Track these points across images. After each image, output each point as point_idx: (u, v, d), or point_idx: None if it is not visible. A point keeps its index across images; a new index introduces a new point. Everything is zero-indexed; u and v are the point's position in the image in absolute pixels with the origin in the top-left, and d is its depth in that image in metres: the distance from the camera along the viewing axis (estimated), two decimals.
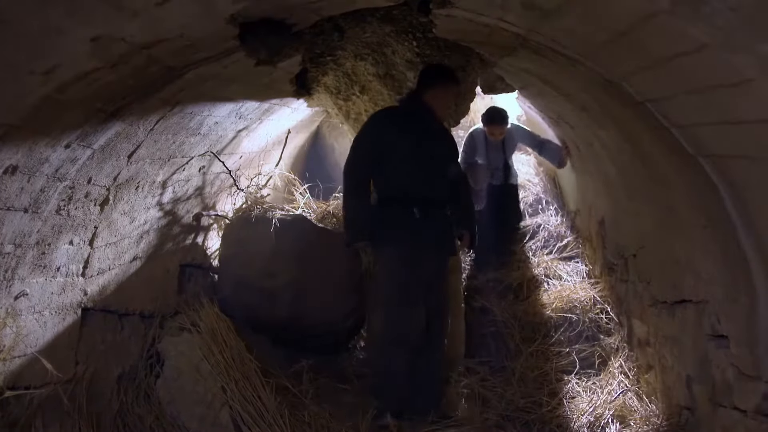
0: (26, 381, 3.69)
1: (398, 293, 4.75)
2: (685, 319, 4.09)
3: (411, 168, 4.85)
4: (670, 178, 3.78)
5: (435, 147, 4.99)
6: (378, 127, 4.89)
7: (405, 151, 4.83)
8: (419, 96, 4.96)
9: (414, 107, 4.96)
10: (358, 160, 4.89)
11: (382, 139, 4.84)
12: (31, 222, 3.41)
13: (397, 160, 4.83)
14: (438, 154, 5.00)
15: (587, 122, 4.86)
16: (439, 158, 5.01)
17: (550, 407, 4.88)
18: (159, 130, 4.01)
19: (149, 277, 4.88)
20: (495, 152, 7.04)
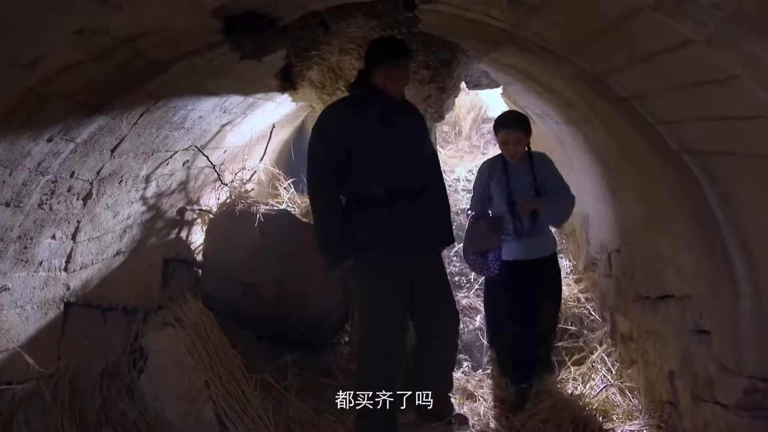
0: (8, 376, 3.67)
1: (374, 314, 4.34)
2: (668, 315, 4.11)
3: (374, 162, 4.27)
4: (654, 173, 3.79)
5: (398, 131, 4.35)
6: (330, 127, 4.31)
7: (363, 145, 4.25)
8: (367, 78, 4.37)
9: (365, 93, 4.36)
10: (319, 169, 4.28)
11: (338, 138, 4.25)
12: (13, 216, 3.38)
13: (358, 157, 4.25)
14: (404, 138, 4.37)
15: (572, 118, 4.87)
16: (406, 142, 4.38)
17: (533, 402, 4.89)
18: (143, 124, 3.99)
19: (133, 272, 4.86)
20: (519, 181, 4.93)
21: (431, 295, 4.52)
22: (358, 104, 4.34)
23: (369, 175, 4.27)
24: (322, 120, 4.37)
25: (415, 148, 4.46)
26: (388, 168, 4.29)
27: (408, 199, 4.32)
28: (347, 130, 4.24)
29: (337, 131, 4.26)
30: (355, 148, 4.23)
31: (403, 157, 4.35)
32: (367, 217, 4.29)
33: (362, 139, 4.25)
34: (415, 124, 4.54)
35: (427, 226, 4.44)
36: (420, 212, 4.38)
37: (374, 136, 4.28)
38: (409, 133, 4.42)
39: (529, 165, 4.85)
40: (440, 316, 4.56)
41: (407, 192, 4.33)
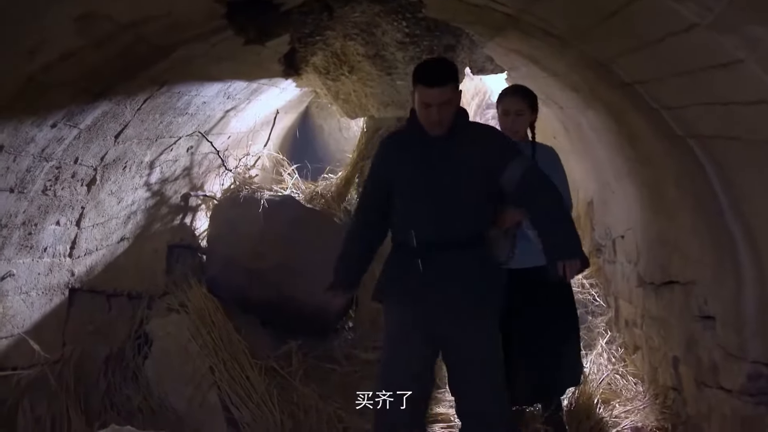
0: (13, 362, 3.69)
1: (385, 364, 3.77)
2: (672, 301, 4.11)
3: (407, 208, 3.65)
4: (659, 159, 3.78)
5: (439, 174, 3.54)
6: (376, 159, 3.86)
7: (399, 187, 3.67)
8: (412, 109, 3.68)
9: (410, 127, 3.70)
10: (361, 200, 4.03)
11: (380, 173, 3.75)
12: (17, 202, 3.39)
13: (395, 199, 3.69)
14: (448, 182, 3.53)
15: (576, 103, 4.85)
16: (450, 186, 3.53)
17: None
18: (146, 110, 3.98)
19: (137, 258, 4.86)
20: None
21: (464, 370, 3.63)
22: (405, 140, 3.72)
23: (404, 219, 3.65)
24: (376, 151, 3.94)
25: (464, 192, 3.54)
26: (423, 214, 3.58)
27: (443, 252, 3.56)
28: (389, 167, 3.70)
29: (380, 166, 3.78)
30: (394, 189, 3.68)
31: (446, 203, 3.54)
32: (396, 262, 3.72)
33: (399, 180, 3.66)
34: (471, 162, 3.52)
35: (466, 285, 3.56)
36: (460, 268, 3.56)
37: (409, 179, 3.62)
38: (455, 176, 3.52)
39: (530, 151, 4.11)
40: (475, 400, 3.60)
41: (450, 244, 3.56)
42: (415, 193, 3.61)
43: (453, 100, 3.42)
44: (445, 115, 3.42)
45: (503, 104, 4.21)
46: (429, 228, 3.57)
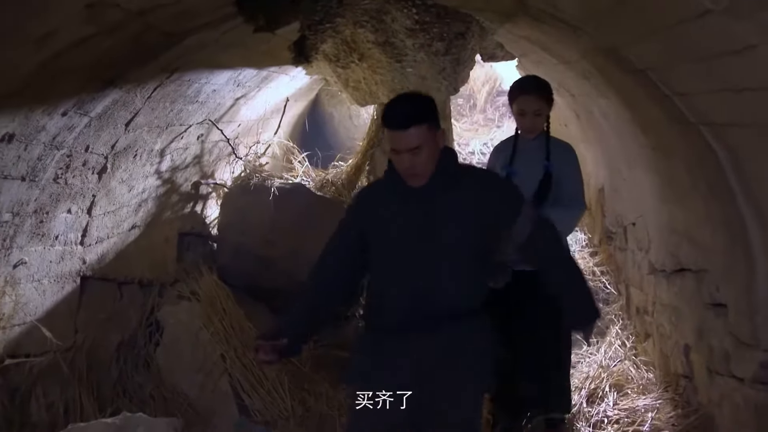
0: (26, 349, 3.71)
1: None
2: (683, 288, 4.09)
3: (390, 274, 3.00)
4: (671, 146, 3.76)
5: (427, 228, 2.89)
6: (350, 218, 3.18)
7: (379, 248, 3.02)
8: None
9: (389, 174, 3.04)
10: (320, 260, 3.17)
11: (354, 233, 3.08)
12: (29, 190, 3.40)
13: (375, 264, 3.07)
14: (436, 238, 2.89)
15: (588, 90, 4.83)
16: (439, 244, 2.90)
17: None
18: (157, 98, 3.98)
19: (148, 246, 4.88)
20: (526, 164, 3.94)
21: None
22: (382, 193, 3.10)
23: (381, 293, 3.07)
24: (350, 204, 3.46)
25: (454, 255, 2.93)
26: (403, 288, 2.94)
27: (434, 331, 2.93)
28: (362, 227, 3.06)
29: (351, 225, 3.13)
30: (369, 253, 3.07)
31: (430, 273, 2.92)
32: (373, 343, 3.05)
33: (374, 243, 3.04)
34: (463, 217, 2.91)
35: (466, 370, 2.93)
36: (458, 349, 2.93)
37: (386, 242, 3.00)
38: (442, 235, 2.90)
39: (543, 148, 3.87)
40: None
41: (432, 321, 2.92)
42: (393, 260, 2.97)
43: (426, 143, 2.78)
44: (419, 163, 2.80)
45: (518, 104, 3.89)
46: (413, 303, 2.91)
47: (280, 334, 2.96)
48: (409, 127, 2.75)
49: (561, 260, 3.13)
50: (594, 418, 4.28)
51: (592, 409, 4.37)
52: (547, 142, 3.93)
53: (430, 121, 2.82)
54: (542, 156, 3.89)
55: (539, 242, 2.98)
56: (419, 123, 2.76)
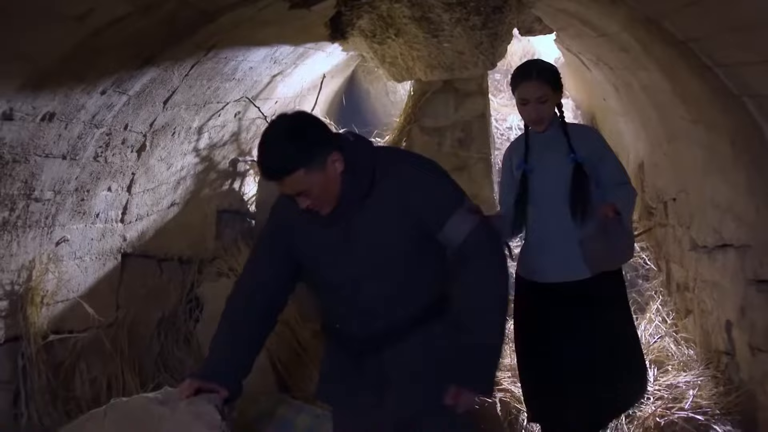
0: (69, 325, 3.77)
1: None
2: (725, 264, 4.04)
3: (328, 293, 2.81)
4: (713, 119, 3.69)
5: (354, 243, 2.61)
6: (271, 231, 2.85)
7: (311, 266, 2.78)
8: None
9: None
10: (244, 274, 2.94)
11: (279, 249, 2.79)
12: (70, 169, 3.44)
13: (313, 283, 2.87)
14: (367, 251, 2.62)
15: (627, 63, 4.75)
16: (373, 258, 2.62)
17: None
18: (194, 76, 4.00)
19: (187, 223, 4.92)
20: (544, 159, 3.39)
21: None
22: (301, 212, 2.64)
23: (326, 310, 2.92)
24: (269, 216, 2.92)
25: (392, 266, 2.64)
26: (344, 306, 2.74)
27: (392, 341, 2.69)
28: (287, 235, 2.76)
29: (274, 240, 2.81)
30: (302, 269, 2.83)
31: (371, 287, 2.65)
32: (334, 353, 2.91)
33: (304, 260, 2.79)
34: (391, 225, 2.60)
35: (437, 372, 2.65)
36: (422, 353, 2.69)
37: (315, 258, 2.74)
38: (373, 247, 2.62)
39: (562, 138, 3.36)
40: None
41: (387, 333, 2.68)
42: (326, 281, 2.76)
43: (310, 185, 2.46)
44: (314, 203, 2.52)
45: (519, 92, 3.38)
46: (360, 319, 2.70)
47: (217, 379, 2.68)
48: (283, 179, 2.45)
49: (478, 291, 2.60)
50: None
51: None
52: (565, 131, 3.37)
53: (307, 163, 2.43)
54: (563, 148, 3.32)
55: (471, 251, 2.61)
56: (292, 172, 2.42)
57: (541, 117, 3.34)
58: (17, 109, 2.80)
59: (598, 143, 3.42)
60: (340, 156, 2.51)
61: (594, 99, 7.33)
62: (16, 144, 2.95)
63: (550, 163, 3.33)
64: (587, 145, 3.35)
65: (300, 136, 2.46)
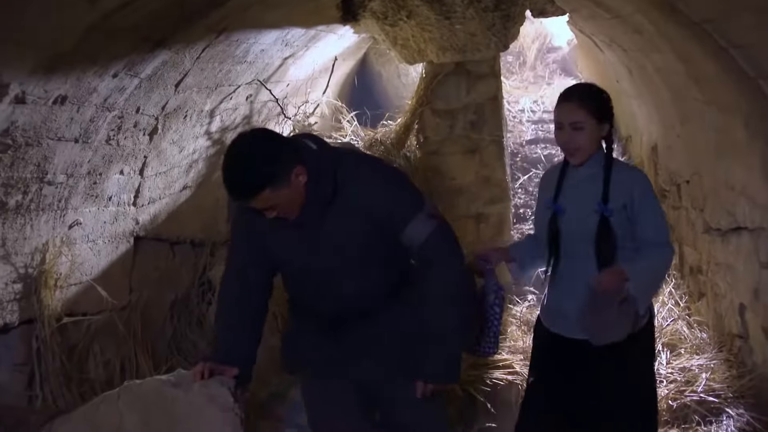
0: (83, 308, 3.79)
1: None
2: (739, 247, 4.02)
3: (300, 287, 2.95)
4: (727, 101, 3.67)
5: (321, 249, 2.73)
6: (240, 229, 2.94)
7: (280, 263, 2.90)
8: None
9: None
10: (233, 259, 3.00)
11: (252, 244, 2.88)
12: (82, 152, 3.44)
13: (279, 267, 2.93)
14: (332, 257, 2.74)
15: (640, 45, 4.72)
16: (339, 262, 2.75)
17: None
18: (205, 59, 3.99)
19: (199, 206, 4.92)
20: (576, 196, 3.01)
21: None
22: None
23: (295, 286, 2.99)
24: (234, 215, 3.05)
25: (359, 268, 2.78)
26: (316, 297, 2.89)
27: (360, 318, 2.85)
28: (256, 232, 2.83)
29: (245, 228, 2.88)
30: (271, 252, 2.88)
31: (339, 284, 2.79)
32: (302, 327, 3.03)
33: (275, 257, 2.89)
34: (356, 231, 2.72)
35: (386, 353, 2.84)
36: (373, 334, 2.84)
37: (285, 260, 2.87)
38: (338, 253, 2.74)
39: (599, 179, 2.94)
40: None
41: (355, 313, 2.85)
42: (296, 273, 2.90)
43: (278, 200, 2.54)
44: (283, 213, 2.61)
45: (555, 113, 3.03)
46: (330, 302, 2.84)
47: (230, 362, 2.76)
48: (252, 199, 2.52)
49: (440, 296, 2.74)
50: None
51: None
52: (606, 173, 2.94)
53: (272, 182, 2.50)
54: (597, 193, 2.92)
55: (430, 254, 2.74)
56: (258, 193, 2.49)
57: (576, 147, 2.93)
58: (29, 92, 2.80)
59: (641, 192, 2.96)
60: (303, 169, 2.57)
61: (607, 81, 7.28)
62: (28, 127, 2.96)
63: (581, 208, 2.97)
64: (627, 193, 2.92)
65: (263, 156, 2.52)
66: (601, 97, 3.00)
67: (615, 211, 2.88)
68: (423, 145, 5.82)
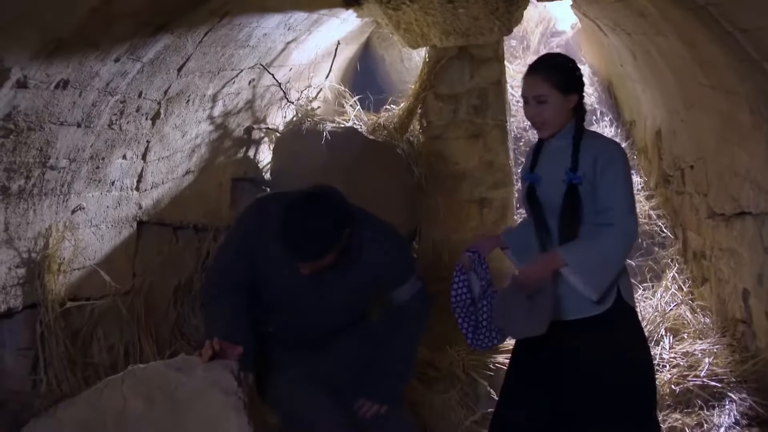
0: (86, 292, 3.79)
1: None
2: (743, 232, 4.02)
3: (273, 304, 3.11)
4: (733, 85, 3.65)
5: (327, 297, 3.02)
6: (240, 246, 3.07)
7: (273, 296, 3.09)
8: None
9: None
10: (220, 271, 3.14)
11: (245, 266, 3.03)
12: (85, 136, 3.44)
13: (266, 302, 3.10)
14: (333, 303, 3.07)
15: (645, 29, 4.69)
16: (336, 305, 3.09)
17: None
18: (208, 43, 3.97)
19: (202, 191, 4.92)
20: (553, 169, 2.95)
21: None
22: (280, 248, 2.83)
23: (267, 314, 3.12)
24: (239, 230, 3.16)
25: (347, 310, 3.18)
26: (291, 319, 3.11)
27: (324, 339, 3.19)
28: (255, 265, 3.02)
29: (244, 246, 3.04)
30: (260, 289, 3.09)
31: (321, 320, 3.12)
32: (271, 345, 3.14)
33: (268, 289, 3.08)
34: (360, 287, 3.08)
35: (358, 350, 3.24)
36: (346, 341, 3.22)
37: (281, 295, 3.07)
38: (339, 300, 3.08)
39: (570, 144, 2.90)
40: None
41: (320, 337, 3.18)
42: (285, 305, 3.08)
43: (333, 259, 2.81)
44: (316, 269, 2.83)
45: (522, 88, 3.01)
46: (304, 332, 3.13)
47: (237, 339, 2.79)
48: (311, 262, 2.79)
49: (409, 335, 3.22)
50: None
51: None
52: (575, 142, 2.88)
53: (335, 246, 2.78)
54: (567, 161, 2.87)
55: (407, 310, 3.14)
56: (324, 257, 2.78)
57: (541, 120, 2.92)
58: (31, 76, 2.79)
59: (606, 161, 2.84)
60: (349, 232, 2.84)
61: (611, 65, 7.26)
62: (30, 112, 2.95)
63: (552, 178, 2.92)
64: (592, 161, 2.83)
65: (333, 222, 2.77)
66: (566, 67, 2.95)
67: (585, 179, 2.82)
68: (426, 130, 5.80)
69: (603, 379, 2.86)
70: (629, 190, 2.89)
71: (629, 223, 2.83)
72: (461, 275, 3.16)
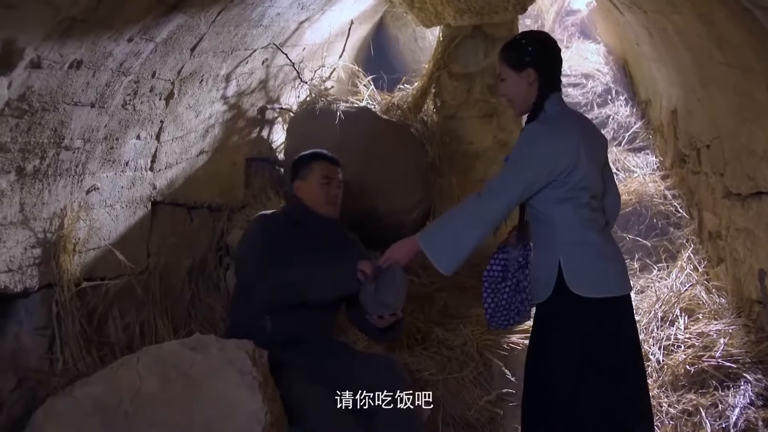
0: (101, 272, 3.81)
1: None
2: (760, 212, 3.98)
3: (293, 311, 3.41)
4: (750, 63, 3.61)
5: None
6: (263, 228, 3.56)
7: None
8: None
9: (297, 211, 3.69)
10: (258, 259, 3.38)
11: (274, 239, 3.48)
12: (98, 117, 3.44)
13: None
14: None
15: (661, 6, 4.64)
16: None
17: None
18: (221, 22, 3.96)
19: (216, 171, 4.93)
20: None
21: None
22: (291, 222, 3.60)
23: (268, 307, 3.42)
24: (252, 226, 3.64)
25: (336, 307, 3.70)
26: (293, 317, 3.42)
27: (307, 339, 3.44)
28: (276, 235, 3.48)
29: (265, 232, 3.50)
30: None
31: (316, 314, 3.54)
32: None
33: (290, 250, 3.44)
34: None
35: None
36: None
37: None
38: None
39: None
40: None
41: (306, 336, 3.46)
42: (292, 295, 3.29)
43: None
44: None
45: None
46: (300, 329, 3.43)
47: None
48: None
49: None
50: (665, 342, 4.25)
51: (662, 332, 4.34)
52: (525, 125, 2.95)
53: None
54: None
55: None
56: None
57: (507, 99, 3.02)
58: (45, 57, 2.79)
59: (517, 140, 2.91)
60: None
61: (626, 44, 7.21)
62: (44, 92, 2.96)
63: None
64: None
65: None
66: (518, 43, 2.92)
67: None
68: (440, 110, 5.79)
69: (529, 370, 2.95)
70: (513, 172, 2.81)
71: (490, 199, 2.77)
72: (501, 254, 3.13)
